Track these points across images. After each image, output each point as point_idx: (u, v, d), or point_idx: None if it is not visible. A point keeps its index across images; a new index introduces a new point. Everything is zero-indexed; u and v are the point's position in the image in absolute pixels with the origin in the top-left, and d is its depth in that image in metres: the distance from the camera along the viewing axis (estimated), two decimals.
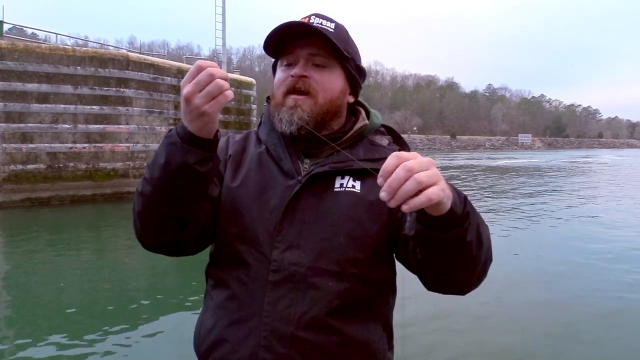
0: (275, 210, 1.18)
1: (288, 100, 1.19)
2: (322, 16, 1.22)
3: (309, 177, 1.19)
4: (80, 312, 5.47)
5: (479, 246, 1.01)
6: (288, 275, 1.14)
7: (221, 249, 1.24)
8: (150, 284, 6.84)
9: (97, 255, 8.54)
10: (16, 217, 12.19)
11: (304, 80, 1.18)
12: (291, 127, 1.18)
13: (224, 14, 20.69)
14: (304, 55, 1.19)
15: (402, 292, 1.33)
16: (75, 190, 14.01)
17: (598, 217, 12.02)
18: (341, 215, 1.16)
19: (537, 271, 7.16)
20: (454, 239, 0.96)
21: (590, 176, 26.68)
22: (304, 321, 1.13)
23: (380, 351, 1.22)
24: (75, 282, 6.87)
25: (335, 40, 1.17)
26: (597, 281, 6.55)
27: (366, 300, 1.19)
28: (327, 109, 1.21)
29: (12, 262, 8.21)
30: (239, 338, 1.16)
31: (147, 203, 1.09)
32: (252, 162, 1.25)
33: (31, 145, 13.61)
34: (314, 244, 1.15)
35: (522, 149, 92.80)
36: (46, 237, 10.17)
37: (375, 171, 1.23)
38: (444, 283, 1.11)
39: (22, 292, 6.40)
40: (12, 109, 13.32)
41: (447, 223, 0.93)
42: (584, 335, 4.73)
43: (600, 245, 8.62)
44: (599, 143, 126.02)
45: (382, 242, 1.19)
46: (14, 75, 13.29)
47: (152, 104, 15.79)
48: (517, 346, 4.49)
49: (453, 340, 4.64)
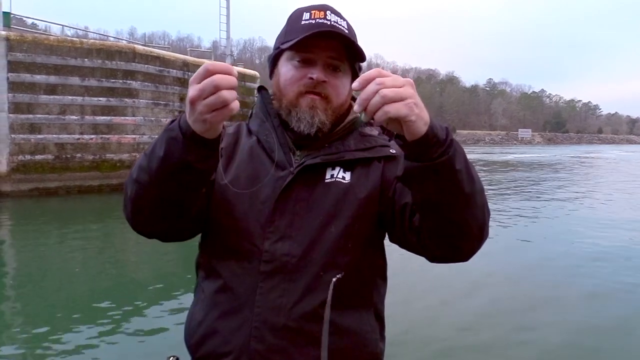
0: (267, 201, 1.17)
1: (305, 100, 1.17)
2: (336, 12, 1.19)
3: (300, 168, 1.18)
4: (88, 299, 5.51)
5: (470, 180, 0.98)
6: (280, 266, 1.14)
7: (212, 240, 1.23)
8: (157, 272, 6.88)
9: (103, 244, 8.60)
10: (25, 207, 12.31)
11: (323, 85, 1.16)
12: (312, 129, 1.17)
13: (228, 7, 20.75)
14: (323, 58, 1.16)
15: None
16: (82, 180, 14.12)
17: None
18: (332, 205, 1.16)
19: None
20: (442, 169, 0.93)
21: (607, 170, 26.89)
22: (295, 311, 1.13)
23: (373, 341, 1.22)
24: (82, 269, 6.92)
25: (355, 42, 1.16)
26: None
27: (358, 290, 1.20)
28: (338, 112, 1.21)
29: (20, 249, 8.31)
30: (230, 329, 1.15)
31: (141, 191, 1.06)
32: (244, 154, 1.24)
33: (39, 136, 13.72)
34: (306, 235, 1.15)
35: (522, 144, 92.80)
36: (54, 226, 10.25)
37: (367, 160, 1.23)
38: (446, 238, 1.06)
39: (30, 279, 6.46)
40: (20, 100, 13.41)
41: (430, 148, 0.92)
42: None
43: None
44: (598, 139, 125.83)
45: (373, 230, 1.20)
46: (23, 66, 13.37)
47: (158, 96, 15.86)
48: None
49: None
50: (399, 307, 4.72)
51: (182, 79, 16.83)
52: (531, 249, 8.14)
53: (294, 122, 1.18)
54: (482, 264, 6.33)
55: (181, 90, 16.75)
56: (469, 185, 0.98)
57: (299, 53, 1.17)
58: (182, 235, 1.20)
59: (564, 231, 9.63)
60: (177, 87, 16.58)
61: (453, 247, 1.08)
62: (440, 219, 1.02)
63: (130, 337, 4.47)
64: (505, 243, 8.16)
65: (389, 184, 1.19)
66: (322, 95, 1.16)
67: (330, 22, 1.14)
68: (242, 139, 1.28)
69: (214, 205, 1.21)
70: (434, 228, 1.05)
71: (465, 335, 4.51)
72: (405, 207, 1.13)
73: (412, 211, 1.11)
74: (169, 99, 16.37)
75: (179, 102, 16.51)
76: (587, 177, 22.80)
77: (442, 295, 5.53)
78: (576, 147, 78.27)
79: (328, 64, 1.17)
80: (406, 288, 5.50)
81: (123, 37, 44.25)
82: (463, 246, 1.08)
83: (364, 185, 1.19)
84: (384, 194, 1.18)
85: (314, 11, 1.17)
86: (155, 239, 1.18)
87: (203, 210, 1.18)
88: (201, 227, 1.23)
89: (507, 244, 8.18)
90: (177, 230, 1.16)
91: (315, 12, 1.16)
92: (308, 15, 1.16)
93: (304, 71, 1.17)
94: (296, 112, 1.17)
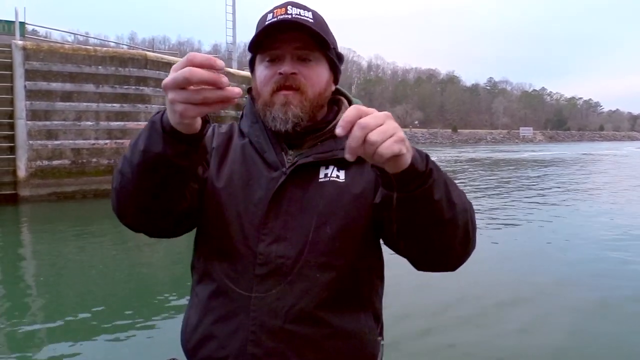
0: (260, 202, 1.14)
1: (278, 98, 1.14)
2: (299, 5, 1.16)
3: (293, 168, 1.15)
4: (102, 299, 5.61)
5: (450, 206, 0.97)
6: (275, 268, 1.11)
7: (205, 242, 1.20)
8: (170, 275, 6.95)
9: (118, 246, 8.71)
10: (43, 211, 12.53)
11: (293, 77, 1.13)
12: (287, 125, 1.13)
13: (234, 13, 21.18)
14: (289, 51, 1.14)
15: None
16: (98, 184, 14.32)
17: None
18: (326, 205, 1.13)
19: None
20: (421, 199, 0.93)
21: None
22: (292, 314, 1.10)
23: (371, 342, 1.18)
24: (97, 270, 7.05)
25: (319, 30, 1.13)
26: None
27: (355, 290, 1.16)
28: (316, 103, 1.17)
29: (39, 252, 8.48)
30: (227, 334, 1.12)
31: (124, 183, 1.02)
32: (236, 154, 1.21)
33: (56, 142, 13.97)
34: (300, 236, 1.12)
35: (524, 142, 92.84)
36: (71, 229, 10.39)
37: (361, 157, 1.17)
38: (430, 256, 1.06)
39: (47, 280, 6.59)
40: (38, 107, 13.68)
41: (409, 181, 0.91)
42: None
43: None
44: (600, 136, 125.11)
45: (368, 230, 1.16)
46: (40, 75, 13.63)
47: None
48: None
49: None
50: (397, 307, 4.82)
51: None
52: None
53: (270, 121, 1.16)
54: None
55: None
56: (449, 212, 0.97)
57: (266, 52, 1.16)
58: (167, 233, 1.16)
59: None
60: None
61: (437, 260, 1.08)
62: (421, 241, 1.02)
63: (139, 339, 4.55)
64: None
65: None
66: (294, 87, 1.14)
67: (292, 16, 1.12)
68: (234, 139, 1.25)
69: (206, 206, 1.17)
70: (415, 244, 1.04)
71: (465, 334, 4.53)
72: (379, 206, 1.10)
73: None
74: None
75: None
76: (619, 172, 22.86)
77: (446, 296, 5.56)
78: (588, 145, 76.99)
79: (297, 56, 1.15)
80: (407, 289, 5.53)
81: (123, 42, 44.55)
82: (447, 261, 1.08)
83: (358, 183, 1.16)
84: (377, 190, 1.14)
85: (276, 10, 1.15)
86: (142, 233, 1.14)
87: (193, 208, 1.14)
88: (190, 224, 1.19)
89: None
90: (161, 227, 1.13)
91: (277, 10, 1.15)
92: (271, 15, 1.15)
93: (274, 68, 1.15)
94: (270, 111, 1.15)
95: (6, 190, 13.39)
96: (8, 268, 7.44)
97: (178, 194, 1.06)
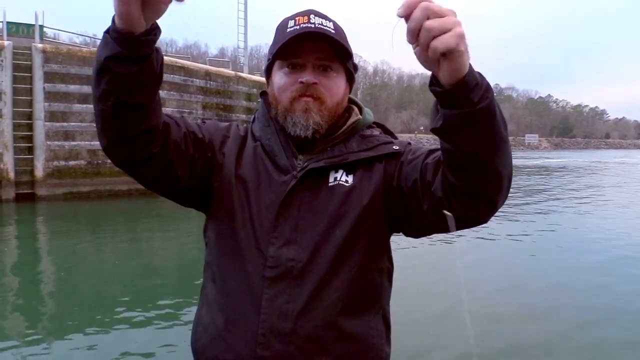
0: (271, 206, 1.14)
1: (299, 104, 1.14)
2: (320, 14, 1.17)
3: (304, 172, 1.15)
4: (118, 296, 5.69)
5: (504, 124, 0.92)
6: (285, 271, 1.11)
7: (217, 244, 1.20)
8: (181, 273, 7.04)
9: (132, 245, 8.87)
10: (59, 210, 12.77)
11: (314, 87, 1.14)
12: (307, 132, 1.14)
13: (246, 18, 21.42)
14: (311, 60, 1.14)
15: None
16: (113, 185, 14.57)
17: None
18: (336, 209, 1.13)
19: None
20: (485, 112, 0.86)
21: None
22: (302, 317, 1.09)
23: (378, 345, 1.17)
24: (111, 268, 7.19)
25: (341, 41, 1.14)
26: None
27: (364, 293, 1.15)
28: (334, 112, 1.18)
29: (55, 248, 8.65)
30: (237, 336, 1.12)
31: (94, 103, 1.01)
32: (248, 158, 1.21)
33: (73, 143, 14.25)
34: (311, 239, 1.12)
35: (529, 149, 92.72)
36: (86, 228, 10.64)
37: (369, 162, 1.19)
38: (473, 195, 0.98)
39: (62, 277, 6.72)
40: (55, 109, 13.95)
41: (471, 92, 0.84)
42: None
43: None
44: (605, 144, 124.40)
45: (378, 232, 1.16)
46: (58, 77, 13.92)
47: (183, 104, 16.32)
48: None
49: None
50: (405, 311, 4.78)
51: (204, 88, 17.24)
52: None
53: (290, 127, 1.16)
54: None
55: (204, 99, 17.13)
56: (504, 130, 0.93)
57: (288, 60, 1.16)
58: (150, 175, 1.11)
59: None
60: (200, 96, 16.97)
61: (481, 199, 0.99)
62: (473, 167, 0.94)
63: (150, 333, 4.63)
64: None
65: (391, 176, 1.16)
66: (314, 97, 1.14)
67: (315, 25, 1.13)
68: (248, 141, 1.25)
69: (217, 210, 1.18)
70: (463, 179, 0.96)
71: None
72: (416, 183, 1.08)
73: (427, 183, 1.05)
74: (193, 107, 16.79)
75: (201, 110, 16.91)
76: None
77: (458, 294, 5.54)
78: (595, 152, 75.50)
79: (317, 65, 1.15)
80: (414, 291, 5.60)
81: None
82: (492, 196, 0.99)
83: (366, 187, 1.16)
84: (388, 188, 1.15)
85: (298, 17, 1.16)
86: (129, 174, 1.11)
87: (178, 171, 1.11)
88: (178, 190, 1.17)
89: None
90: (143, 171, 1.09)
91: (299, 18, 1.15)
92: (293, 22, 1.15)
93: (295, 76, 1.15)
94: (291, 117, 1.15)
95: (24, 189, 13.66)
96: (25, 264, 7.60)
97: (134, 116, 0.99)
